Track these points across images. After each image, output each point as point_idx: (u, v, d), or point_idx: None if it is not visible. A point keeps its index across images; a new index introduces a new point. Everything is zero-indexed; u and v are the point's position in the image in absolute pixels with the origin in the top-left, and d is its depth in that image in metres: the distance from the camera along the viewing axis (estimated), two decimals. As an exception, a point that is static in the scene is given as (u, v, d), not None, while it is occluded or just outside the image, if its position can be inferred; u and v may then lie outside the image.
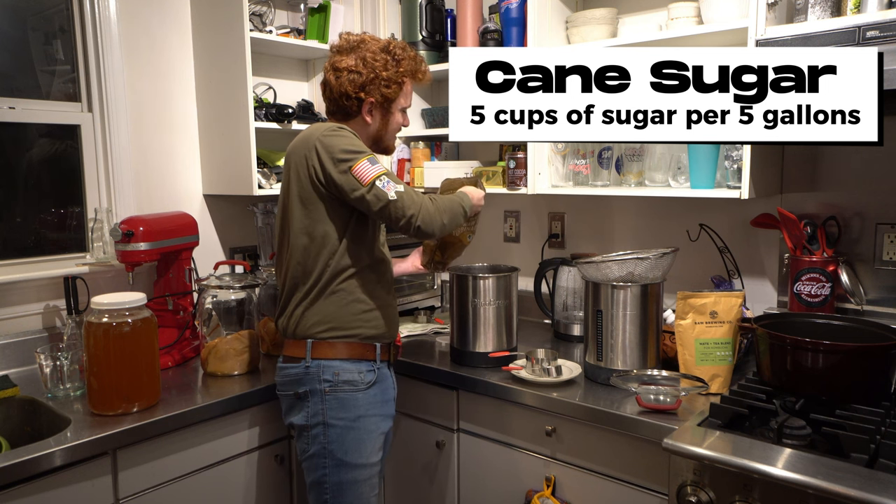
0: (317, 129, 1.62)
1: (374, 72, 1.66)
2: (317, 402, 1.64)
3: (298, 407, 1.66)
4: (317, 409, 1.63)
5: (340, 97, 1.68)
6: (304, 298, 1.65)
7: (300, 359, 1.65)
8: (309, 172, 1.58)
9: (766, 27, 1.67)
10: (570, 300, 2.25)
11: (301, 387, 1.65)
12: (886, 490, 1.17)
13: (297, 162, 1.61)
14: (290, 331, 1.68)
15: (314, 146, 1.57)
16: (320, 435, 1.64)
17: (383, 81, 1.67)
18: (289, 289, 1.68)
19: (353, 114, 1.71)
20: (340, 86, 1.66)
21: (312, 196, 1.60)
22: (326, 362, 1.64)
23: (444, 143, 2.66)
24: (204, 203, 2.43)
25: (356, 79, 1.65)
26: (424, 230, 1.61)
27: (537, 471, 1.78)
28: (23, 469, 1.39)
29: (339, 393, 1.64)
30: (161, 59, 2.27)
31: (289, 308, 1.68)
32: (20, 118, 2.03)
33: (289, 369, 1.67)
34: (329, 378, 1.63)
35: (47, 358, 1.73)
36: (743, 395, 1.57)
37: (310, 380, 1.64)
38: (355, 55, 1.67)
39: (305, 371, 1.64)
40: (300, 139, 1.64)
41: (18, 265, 2.02)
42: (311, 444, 1.65)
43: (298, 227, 1.63)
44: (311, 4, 2.50)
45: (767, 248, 2.05)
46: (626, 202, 2.33)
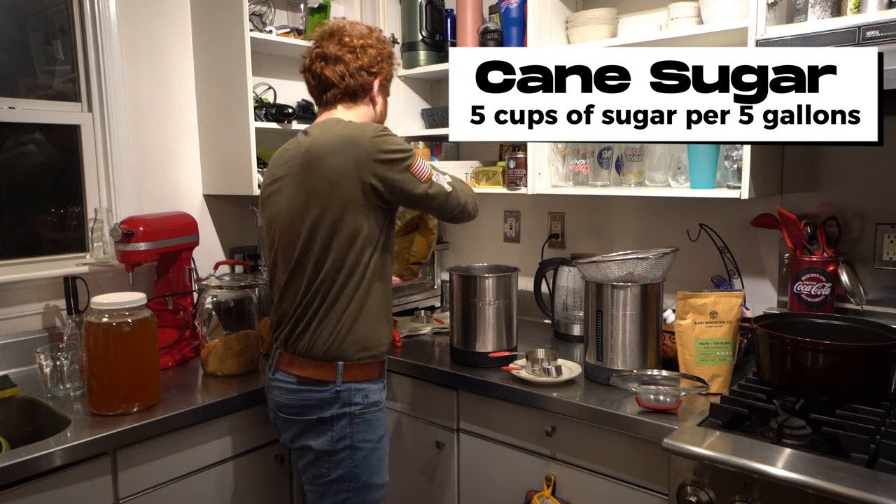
0: (360, 134, 1.49)
1: (384, 48, 1.64)
2: (344, 425, 1.55)
3: (318, 431, 1.56)
4: (343, 433, 1.55)
5: (359, 72, 1.59)
6: (340, 319, 1.54)
7: (328, 382, 1.54)
8: (361, 177, 1.47)
9: (766, 27, 1.67)
10: (570, 300, 2.25)
11: (326, 411, 1.55)
12: (886, 490, 1.17)
13: (336, 169, 1.48)
14: (316, 352, 1.54)
15: (367, 151, 1.47)
16: (346, 459, 1.56)
17: (388, 59, 1.66)
18: (315, 307, 1.54)
19: (363, 94, 1.63)
20: (358, 59, 1.59)
21: (352, 205, 1.49)
22: (357, 385, 1.56)
23: (444, 143, 2.66)
24: (204, 203, 2.43)
25: (374, 54, 1.61)
26: (473, 215, 1.67)
27: (537, 471, 1.78)
28: (23, 469, 1.39)
29: (367, 415, 1.57)
30: (161, 59, 2.27)
31: (313, 327, 1.54)
32: (20, 118, 2.03)
33: (311, 393, 1.55)
34: (359, 401, 1.56)
35: (47, 358, 1.73)
36: (743, 395, 1.57)
37: (339, 404, 1.55)
38: (352, 35, 1.61)
39: (335, 395, 1.54)
40: (331, 148, 1.49)
41: (18, 265, 2.02)
42: (333, 469, 1.56)
43: (328, 241, 1.50)
44: (311, 4, 2.50)
45: (767, 248, 2.05)
46: (626, 202, 2.33)
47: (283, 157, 1.60)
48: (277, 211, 1.58)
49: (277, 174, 1.60)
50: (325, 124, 1.57)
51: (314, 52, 1.62)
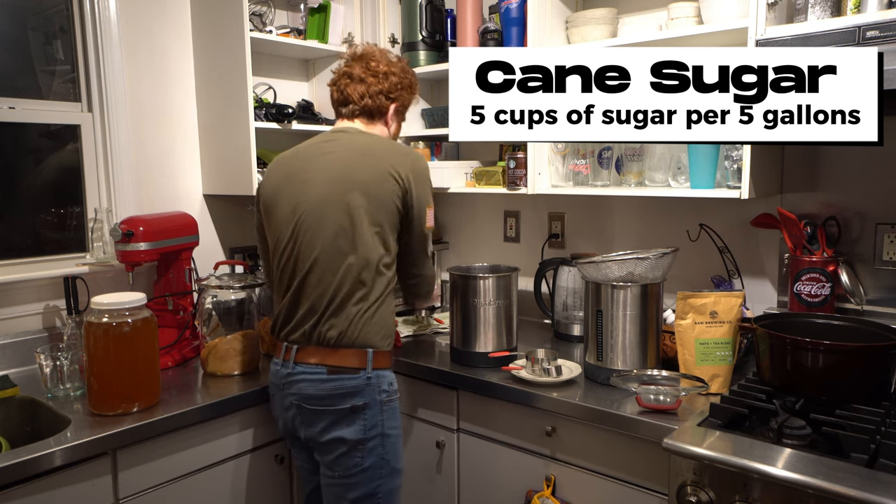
0: (403, 150, 1.69)
1: (406, 77, 1.77)
2: (375, 413, 1.61)
3: (351, 420, 1.59)
4: (375, 421, 1.61)
5: (378, 95, 1.72)
6: (369, 307, 1.61)
7: (359, 369, 1.60)
8: (400, 186, 1.61)
9: (766, 27, 1.67)
10: (570, 300, 2.25)
11: (359, 399, 1.59)
12: (886, 490, 1.17)
13: (384, 171, 1.61)
14: (347, 339, 1.59)
15: (413, 167, 1.64)
16: (378, 447, 1.61)
17: (409, 88, 1.79)
18: (345, 294, 1.59)
19: (380, 116, 1.76)
20: (379, 83, 1.72)
21: (395, 206, 1.63)
22: (383, 372, 1.64)
23: (444, 143, 2.66)
24: (204, 203, 2.43)
25: (395, 81, 1.74)
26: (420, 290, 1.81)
27: (537, 471, 1.78)
28: (23, 469, 1.39)
29: (392, 402, 1.66)
30: (161, 59, 2.27)
31: (345, 314, 1.59)
32: (20, 118, 2.03)
33: (344, 381, 1.59)
34: (386, 388, 1.64)
35: (47, 358, 1.73)
36: (743, 395, 1.57)
37: (370, 391, 1.60)
38: (381, 61, 1.75)
39: (367, 382, 1.60)
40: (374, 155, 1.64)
41: (18, 265, 2.02)
42: (367, 457, 1.61)
43: (362, 237, 1.59)
44: (311, 4, 2.50)
45: (767, 248, 2.05)
46: (626, 202, 2.33)
47: (311, 152, 1.71)
48: (303, 201, 1.64)
49: (302, 166, 1.68)
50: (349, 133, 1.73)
51: (342, 70, 1.76)
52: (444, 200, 2.81)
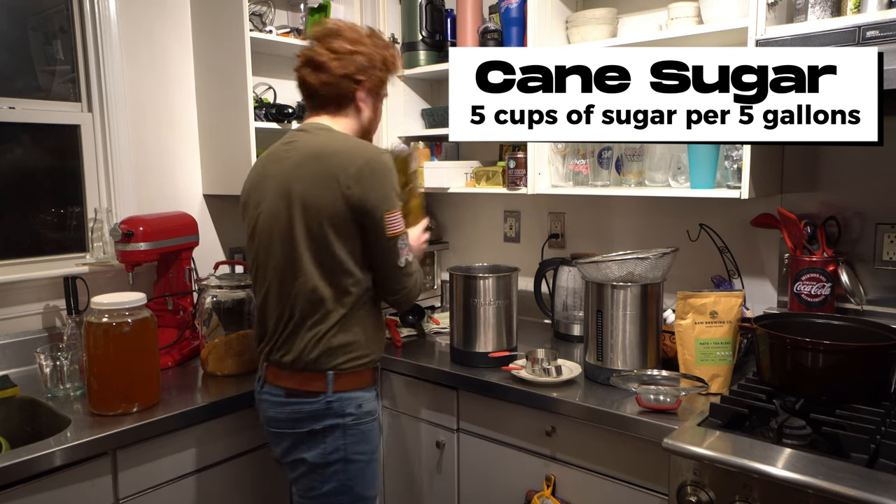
0: (359, 148, 1.50)
1: (374, 53, 1.57)
2: (337, 437, 1.51)
3: (310, 444, 1.51)
4: (337, 445, 1.51)
5: (342, 79, 1.54)
6: (328, 329, 1.50)
7: (318, 393, 1.50)
8: (343, 188, 1.44)
9: (766, 27, 1.67)
10: (570, 300, 2.25)
11: (318, 423, 1.50)
12: (886, 490, 1.17)
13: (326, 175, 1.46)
14: (302, 364, 1.50)
15: (362, 167, 1.45)
16: (339, 472, 1.52)
17: (379, 65, 1.58)
18: (299, 317, 1.50)
19: (347, 101, 1.58)
20: (343, 67, 1.53)
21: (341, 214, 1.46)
22: (349, 394, 1.52)
23: (444, 143, 2.66)
24: (204, 203, 2.43)
25: (362, 61, 1.55)
26: (403, 307, 1.65)
27: (537, 471, 1.78)
28: (23, 469, 1.39)
29: (362, 426, 1.53)
30: (161, 59, 2.27)
31: (300, 338, 1.50)
32: (20, 118, 2.03)
33: (301, 405, 1.51)
34: (353, 411, 1.52)
35: (47, 358, 1.73)
36: (743, 395, 1.57)
37: (331, 415, 1.50)
38: (345, 39, 1.55)
39: (327, 406, 1.50)
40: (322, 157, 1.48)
41: (18, 265, 2.02)
42: (325, 482, 1.52)
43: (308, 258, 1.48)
44: (311, 4, 2.50)
45: (767, 248, 2.05)
46: (626, 202, 2.33)
47: (272, 158, 1.59)
48: (258, 217, 1.55)
49: (265, 173, 1.57)
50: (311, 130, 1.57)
51: (304, 55, 1.58)
52: (444, 200, 2.82)
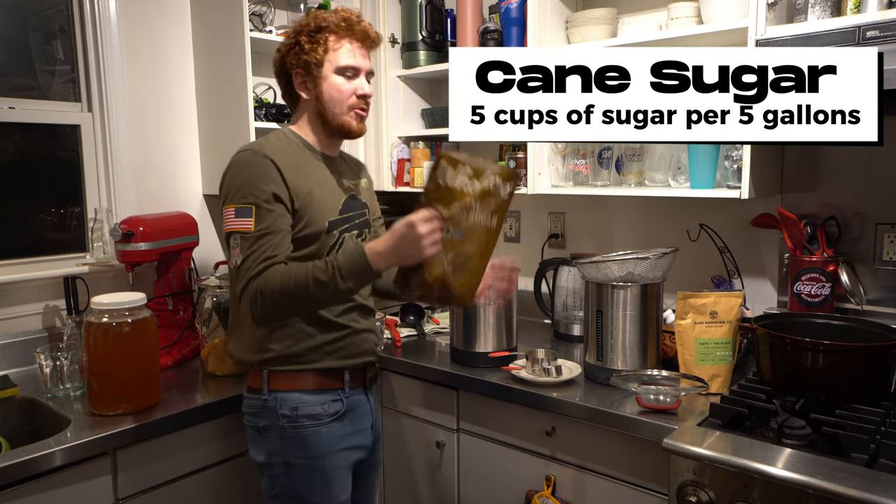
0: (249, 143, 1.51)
1: (290, 38, 1.51)
2: (276, 438, 1.48)
3: (259, 442, 1.51)
4: (276, 447, 1.48)
5: (279, 78, 1.55)
6: (240, 322, 1.49)
7: (258, 390, 1.49)
8: None
9: (766, 27, 1.67)
10: (570, 300, 2.25)
11: (260, 420, 1.49)
12: (886, 490, 1.17)
13: None
14: (237, 358, 1.52)
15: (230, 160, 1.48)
16: (282, 475, 1.49)
17: (300, 46, 1.48)
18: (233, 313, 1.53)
19: (295, 97, 1.54)
20: (274, 65, 1.54)
21: None
22: (284, 394, 1.47)
23: (443, 143, 2.66)
24: (204, 203, 2.43)
25: (282, 50, 1.52)
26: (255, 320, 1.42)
27: (537, 471, 1.78)
28: (23, 469, 1.39)
29: (299, 429, 1.47)
30: (161, 59, 2.27)
31: (233, 333, 1.53)
32: (20, 118, 2.03)
33: (250, 400, 1.52)
34: (287, 413, 1.47)
35: (47, 358, 1.73)
36: (743, 395, 1.57)
37: (268, 414, 1.48)
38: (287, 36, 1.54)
39: (263, 404, 1.48)
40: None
41: (18, 265, 2.02)
42: (274, 484, 1.51)
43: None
44: (311, 4, 2.50)
45: (767, 248, 2.05)
46: (626, 202, 2.33)
47: None
48: None
49: None
50: None
51: None
52: (444, 200, 2.81)
